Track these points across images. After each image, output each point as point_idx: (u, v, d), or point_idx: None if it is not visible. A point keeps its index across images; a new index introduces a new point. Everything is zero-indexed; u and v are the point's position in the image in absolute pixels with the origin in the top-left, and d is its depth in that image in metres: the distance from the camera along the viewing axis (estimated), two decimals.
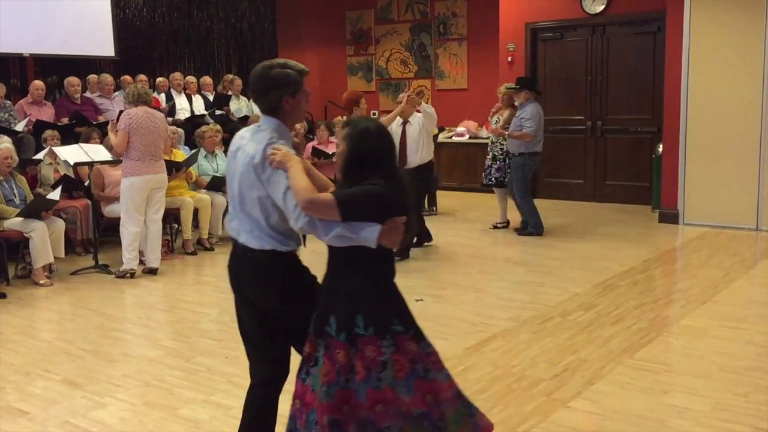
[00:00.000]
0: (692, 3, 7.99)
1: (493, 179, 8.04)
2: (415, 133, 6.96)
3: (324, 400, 2.48)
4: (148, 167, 6.27)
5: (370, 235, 2.48)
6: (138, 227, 6.34)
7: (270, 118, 2.75)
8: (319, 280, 2.73)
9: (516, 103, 7.87)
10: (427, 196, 9.60)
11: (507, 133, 7.67)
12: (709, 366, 4.09)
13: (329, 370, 2.51)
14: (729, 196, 7.96)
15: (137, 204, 6.30)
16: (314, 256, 2.89)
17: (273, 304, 2.74)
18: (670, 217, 8.34)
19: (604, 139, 9.88)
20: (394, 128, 7.02)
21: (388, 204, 2.53)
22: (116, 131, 6.31)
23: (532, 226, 7.78)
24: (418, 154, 6.96)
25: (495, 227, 8.18)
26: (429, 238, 7.30)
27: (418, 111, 7.00)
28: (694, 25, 8.03)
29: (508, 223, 8.18)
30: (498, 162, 8.02)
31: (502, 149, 7.98)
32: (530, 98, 7.69)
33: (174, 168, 7.25)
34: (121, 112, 7.18)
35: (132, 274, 6.35)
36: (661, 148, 8.72)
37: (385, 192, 2.53)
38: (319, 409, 2.50)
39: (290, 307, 2.72)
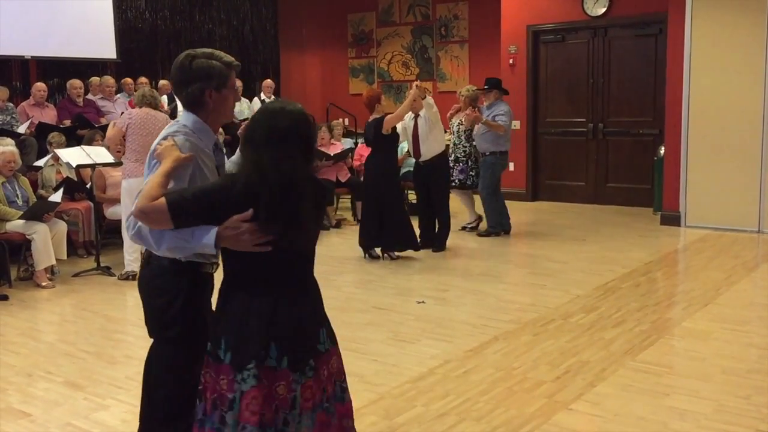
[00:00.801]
0: (694, 5, 8.00)
1: (456, 181, 7.94)
2: (425, 126, 7.09)
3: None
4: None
5: (206, 241, 2.15)
6: None
7: (189, 114, 2.50)
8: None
9: (485, 104, 7.92)
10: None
11: (483, 119, 7.64)
12: (711, 368, 4.09)
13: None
14: (731, 199, 7.96)
15: None
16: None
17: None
18: (672, 219, 8.34)
19: (605, 141, 9.88)
20: (407, 122, 7.16)
21: (228, 198, 2.16)
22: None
23: (492, 225, 7.84)
24: (425, 145, 7.10)
25: (464, 228, 8.17)
26: (438, 246, 7.19)
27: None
28: (695, 28, 8.03)
29: (480, 219, 8.19)
30: (461, 164, 7.97)
31: (464, 151, 7.95)
32: (499, 98, 7.86)
33: None
34: (123, 114, 7.19)
35: (134, 276, 6.34)
36: (662, 151, 8.72)
37: (220, 185, 2.23)
38: None
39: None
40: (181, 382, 2.42)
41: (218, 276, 2.43)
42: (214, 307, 2.38)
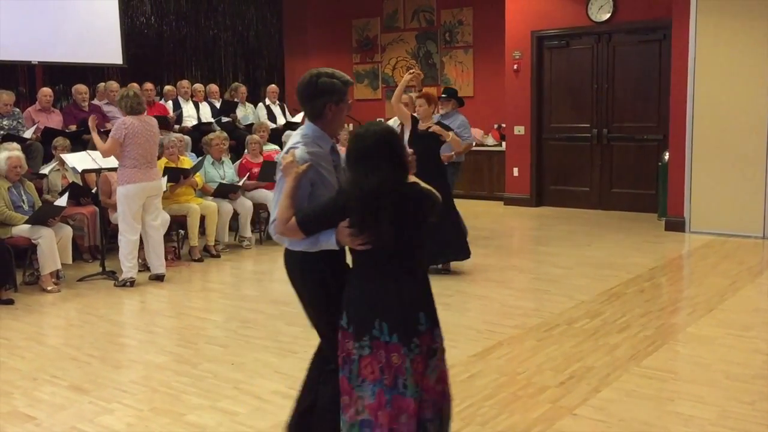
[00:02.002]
0: (698, 11, 8.01)
1: None
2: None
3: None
4: (143, 174, 6.26)
5: (327, 240, 2.71)
6: (135, 235, 6.34)
7: (310, 124, 2.95)
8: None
9: (441, 112, 7.50)
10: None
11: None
12: (716, 374, 4.09)
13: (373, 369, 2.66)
14: (735, 204, 7.95)
15: (134, 212, 6.29)
16: None
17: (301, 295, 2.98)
18: (677, 225, 8.33)
19: (610, 146, 9.88)
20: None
21: (334, 211, 2.68)
22: (96, 128, 6.46)
23: None
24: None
25: None
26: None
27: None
28: (700, 33, 8.04)
29: None
30: None
31: None
32: (456, 108, 7.64)
33: (182, 175, 7.29)
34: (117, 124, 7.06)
35: (132, 283, 6.35)
36: (667, 156, 8.72)
37: (333, 201, 2.72)
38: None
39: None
40: None
41: None
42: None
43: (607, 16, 9.59)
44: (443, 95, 7.82)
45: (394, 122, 6.88)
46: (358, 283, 2.73)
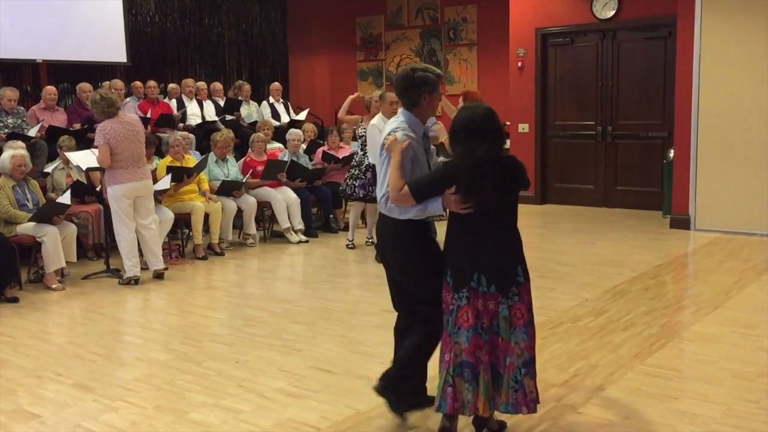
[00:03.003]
0: (703, 8, 7.98)
1: (361, 194, 7.31)
2: None
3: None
4: (131, 175, 6.22)
5: (436, 207, 3.16)
6: (132, 233, 6.32)
7: (406, 112, 3.39)
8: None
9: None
10: None
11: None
12: (721, 372, 4.07)
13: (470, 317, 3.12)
14: (741, 202, 7.92)
15: (126, 211, 6.27)
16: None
17: (398, 259, 3.35)
18: (682, 222, 8.31)
19: (614, 144, 9.85)
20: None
21: (440, 183, 3.13)
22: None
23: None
24: None
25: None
26: None
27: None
28: (705, 30, 8.01)
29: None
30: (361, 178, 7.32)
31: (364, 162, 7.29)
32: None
33: (185, 174, 7.29)
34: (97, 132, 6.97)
35: (136, 281, 6.35)
36: (672, 154, 8.70)
37: (439, 175, 3.17)
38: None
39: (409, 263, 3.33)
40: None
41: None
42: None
43: (612, 13, 9.56)
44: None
45: (379, 121, 6.75)
46: (458, 242, 3.17)
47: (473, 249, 3.12)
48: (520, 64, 10.35)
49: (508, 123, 10.86)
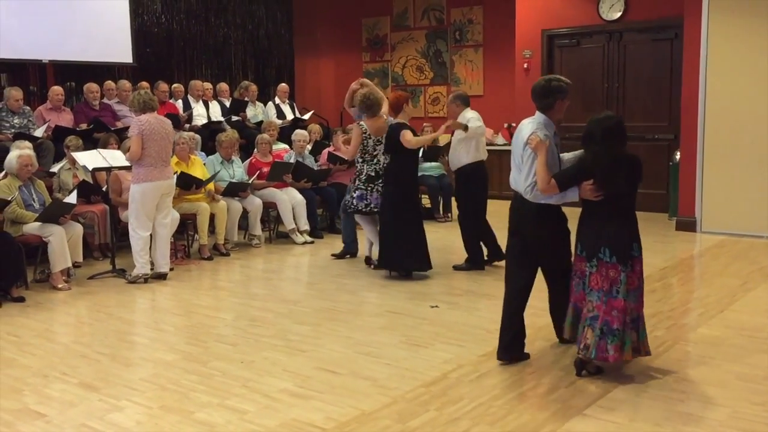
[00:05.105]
0: (710, 9, 7.96)
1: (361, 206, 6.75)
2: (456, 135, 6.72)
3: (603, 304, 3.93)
4: (159, 173, 6.32)
5: (572, 195, 3.97)
6: (148, 231, 6.39)
7: (541, 115, 4.16)
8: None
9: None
10: (441, 202, 9.62)
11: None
12: (726, 375, 4.06)
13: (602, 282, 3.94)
14: (747, 204, 7.90)
15: (148, 210, 6.33)
16: None
17: (538, 235, 4.19)
18: (688, 224, 8.29)
19: None
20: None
21: (579, 176, 3.92)
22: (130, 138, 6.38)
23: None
24: (452, 154, 6.79)
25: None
26: (500, 256, 6.61)
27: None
28: (712, 32, 7.99)
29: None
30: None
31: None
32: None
33: (194, 184, 7.31)
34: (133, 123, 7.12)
35: (145, 279, 6.39)
36: (678, 155, 8.67)
37: (578, 170, 3.95)
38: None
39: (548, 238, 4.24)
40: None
41: None
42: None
43: (619, 14, 9.55)
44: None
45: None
46: (589, 222, 4.00)
47: (601, 228, 3.92)
48: (526, 65, 10.34)
49: (513, 124, 10.86)
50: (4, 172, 6.45)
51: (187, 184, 7.27)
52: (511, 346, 4.29)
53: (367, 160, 6.67)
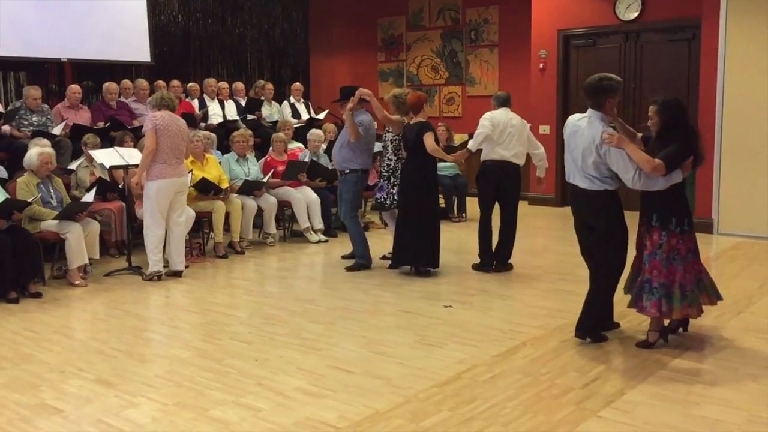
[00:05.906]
0: (728, 10, 7.89)
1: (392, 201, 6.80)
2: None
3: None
4: (173, 170, 6.36)
5: (677, 177, 4.28)
6: (162, 229, 6.43)
7: (596, 112, 4.40)
8: None
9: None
10: (456, 201, 9.61)
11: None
12: (743, 378, 4.03)
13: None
14: (764, 206, 7.83)
15: (162, 207, 6.37)
16: None
17: (600, 220, 4.54)
18: (704, 226, 8.22)
19: None
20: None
21: (684, 154, 4.28)
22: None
23: (359, 257, 6.84)
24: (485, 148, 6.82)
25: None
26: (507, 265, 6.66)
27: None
28: (729, 33, 7.93)
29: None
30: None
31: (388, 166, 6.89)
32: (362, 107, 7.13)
33: (213, 191, 7.34)
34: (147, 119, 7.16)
35: (159, 277, 6.43)
36: None
37: (681, 148, 4.27)
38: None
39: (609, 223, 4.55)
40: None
41: None
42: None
43: (635, 14, 9.50)
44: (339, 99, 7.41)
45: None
46: (667, 195, 4.37)
47: (674, 200, 4.37)
48: (541, 65, 10.31)
49: (530, 125, 10.82)
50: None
51: (205, 188, 7.31)
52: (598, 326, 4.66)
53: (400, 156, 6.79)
